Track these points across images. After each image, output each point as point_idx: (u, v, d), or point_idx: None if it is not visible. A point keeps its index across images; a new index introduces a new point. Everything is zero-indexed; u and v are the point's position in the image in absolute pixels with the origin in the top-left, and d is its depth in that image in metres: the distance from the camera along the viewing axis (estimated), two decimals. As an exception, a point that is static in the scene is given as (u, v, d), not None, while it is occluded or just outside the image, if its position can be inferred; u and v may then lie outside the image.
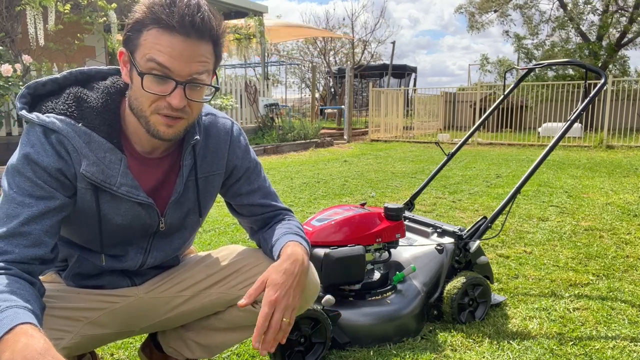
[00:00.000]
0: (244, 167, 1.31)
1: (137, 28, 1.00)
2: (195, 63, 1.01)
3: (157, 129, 1.06)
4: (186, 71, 1.00)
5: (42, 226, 1.01)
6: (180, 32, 0.98)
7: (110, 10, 6.43)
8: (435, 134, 13.26)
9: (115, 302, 1.22)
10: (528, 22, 17.79)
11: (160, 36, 0.98)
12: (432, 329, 1.94)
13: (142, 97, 1.03)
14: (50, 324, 1.05)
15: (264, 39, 10.49)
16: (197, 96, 1.06)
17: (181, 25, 0.97)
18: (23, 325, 0.83)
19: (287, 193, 4.92)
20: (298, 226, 1.32)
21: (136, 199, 1.12)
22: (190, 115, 1.08)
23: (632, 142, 9.98)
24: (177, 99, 1.01)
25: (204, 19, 1.00)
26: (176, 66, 0.99)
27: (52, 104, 1.08)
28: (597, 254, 2.93)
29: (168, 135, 1.07)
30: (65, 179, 1.05)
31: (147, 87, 1.01)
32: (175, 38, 0.98)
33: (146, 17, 0.98)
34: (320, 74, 22.58)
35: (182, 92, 1.02)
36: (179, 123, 1.07)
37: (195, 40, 1.00)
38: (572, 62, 2.55)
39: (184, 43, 0.98)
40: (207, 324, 1.36)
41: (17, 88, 5.14)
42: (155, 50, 0.98)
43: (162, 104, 1.03)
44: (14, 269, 0.96)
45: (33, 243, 0.99)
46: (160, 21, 0.97)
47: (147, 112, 1.04)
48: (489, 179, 5.88)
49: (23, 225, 0.99)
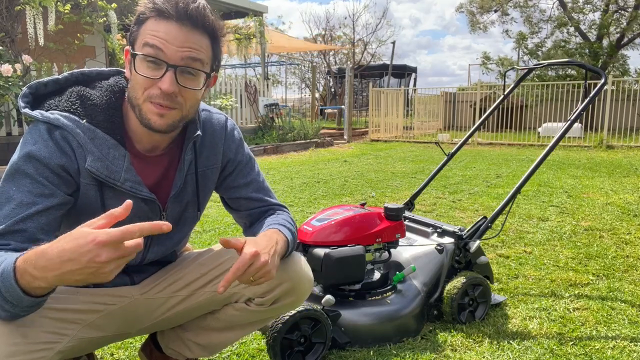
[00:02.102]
0: (237, 161, 1.32)
1: (139, 21, 1.06)
2: (187, 49, 1.04)
3: (148, 117, 1.06)
4: (178, 55, 1.03)
5: (38, 223, 1.01)
6: (175, 18, 1.03)
7: (110, 10, 6.44)
8: (435, 134, 13.26)
9: (111, 303, 1.22)
10: (529, 22, 17.80)
11: (157, 23, 1.03)
12: (432, 329, 1.94)
13: (137, 84, 1.06)
14: (46, 326, 1.04)
15: (264, 39, 10.49)
16: (190, 84, 1.07)
17: (175, 12, 1.02)
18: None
19: (287, 193, 4.92)
20: (286, 219, 1.32)
21: (139, 195, 1.13)
22: (184, 106, 1.08)
23: (632, 142, 9.98)
24: (167, 82, 1.03)
25: (199, 8, 1.04)
26: (168, 49, 1.02)
27: (55, 102, 1.09)
28: (597, 254, 2.93)
29: (159, 126, 1.07)
30: (68, 175, 1.06)
31: (140, 69, 1.04)
32: (170, 24, 1.03)
33: (146, 9, 1.04)
34: (320, 74, 22.59)
35: (173, 76, 1.03)
36: (171, 113, 1.07)
37: (189, 28, 1.04)
38: (572, 62, 2.55)
39: (178, 29, 1.03)
40: (205, 324, 1.37)
41: (17, 88, 5.14)
42: (150, 36, 1.03)
43: (154, 92, 1.04)
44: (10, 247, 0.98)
45: (27, 239, 0.99)
46: (157, 10, 1.03)
47: (140, 99, 1.06)
48: (489, 179, 5.88)
49: (18, 223, 0.99)
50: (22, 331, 0.95)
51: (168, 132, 1.12)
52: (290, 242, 1.25)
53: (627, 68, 16.84)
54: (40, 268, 0.84)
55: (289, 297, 1.29)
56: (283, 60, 19.35)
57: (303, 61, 22.48)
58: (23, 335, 0.97)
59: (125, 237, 0.81)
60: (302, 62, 22.57)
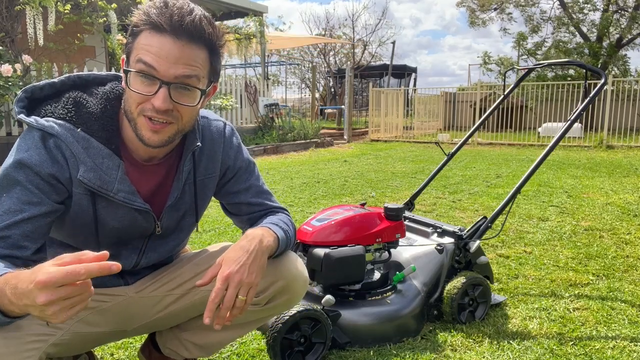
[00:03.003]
0: (237, 167, 1.31)
1: (133, 32, 1.02)
2: (183, 65, 1.00)
3: (142, 133, 1.04)
4: (171, 72, 0.99)
5: (22, 231, 1.00)
6: (169, 32, 0.98)
7: (110, 10, 6.43)
8: (435, 134, 13.26)
9: (104, 301, 1.22)
10: (529, 21, 17.80)
11: (151, 37, 0.99)
12: (432, 329, 1.94)
13: (131, 99, 1.03)
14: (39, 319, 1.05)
15: (264, 39, 10.49)
16: (185, 100, 1.03)
17: (170, 25, 0.98)
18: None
19: (287, 193, 4.92)
20: (282, 219, 1.30)
21: (133, 205, 1.12)
22: (180, 120, 1.06)
23: (632, 142, 9.98)
24: (160, 99, 1.00)
25: (195, 21, 0.99)
26: (162, 65, 0.99)
27: (51, 108, 1.07)
28: (597, 254, 2.93)
29: (152, 142, 1.05)
30: (59, 183, 1.05)
31: (133, 85, 1.01)
32: (164, 38, 0.99)
33: (140, 21, 1.00)
34: (320, 74, 22.58)
35: (167, 93, 1.00)
36: (166, 128, 1.05)
37: (185, 42, 0.99)
38: (572, 62, 2.56)
39: (173, 44, 0.99)
40: (201, 323, 1.36)
41: (17, 88, 5.14)
42: (143, 51, 0.99)
43: (147, 106, 1.02)
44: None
45: (10, 246, 0.98)
46: (152, 22, 0.99)
47: (134, 113, 1.04)
48: (489, 179, 5.88)
49: (2, 230, 0.98)
50: (16, 323, 0.94)
51: (163, 147, 1.10)
52: (280, 240, 1.22)
53: (628, 68, 16.83)
54: (14, 295, 0.82)
55: (283, 295, 1.28)
56: (283, 60, 19.36)
57: (303, 61, 22.48)
58: (17, 326, 0.97)
59: (67, 279, 0.75)
60: (302, 62, 22.56)
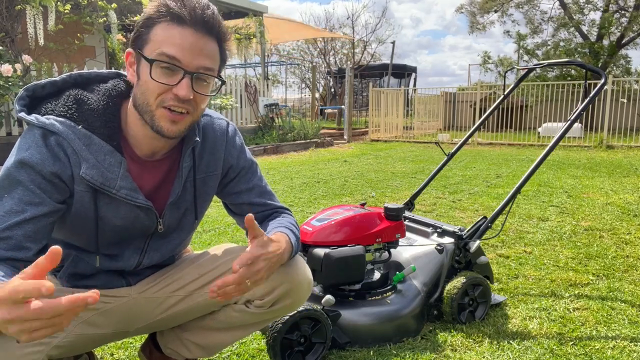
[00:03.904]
0: (240, 167, 1.31)
1: (148, 24, 1.03)
2: (204, 57, 1.04)
3: (161, 124, 1.05)
4: (195, 63, 1.02)
5: (25, 231, 0.99)
6: (190, 24, 1.01)
7: (110, 10, 6.43)
8: (435, 134, 13.26)
9: (108, 302, 1.22)
10: (529, 22, 17.80)
11: (171, 29, 1.01)
12: (432, 329, 1.94)
13: (149, 90, 1.03)
14: None
15: (264, 39, 10.49)
16: (203, 90, 1.07)
17: (192, 18, 1.01)
18: None
19: (287, 193, 4.92)
20: (291, 222, 1.32)
21: (135, 202, 1.12)
22: (195, 111, 1.08)
23: (632, 142, 9.98)
24: (185, 89, 1.02)
25: (214, 14, 1.04)
26: (186, 57, 1.01)
27: (51, 106, 1.07)
28: (597, 254, 2.93)
29: (171, 132, 1.06)
30: (61, 182, 1.04)
31: (155, 76, 1.02)
32: (185, 30, 1.01)
33: (157, 12, 1.02)
34: (320, 74, 22.58)
35: (190, 82, 1.03)
36: (184, 119, 1.07)
37: (203, 34, 1.03)
38: (572, 62, 2.55)
39: (194, 36, 1.02)
40: (203, 324, 1.36)
41: (17, 88, 5.14)
42: (165, 44, 1.01)
43: (168, 96, 1.03)
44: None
45: (12, 247, 0.98)
46: (172, 14, 1.01)
47: (152, 105, 1.04)
48: (489, 179, 5.88)
49: (4, 231, 0.97)
50: None
51: (178, 138, 1.11)
52: (294, 247, 1.24)
53: (629, 68, 16.82)
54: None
55: (288, 299, 1.29)
56: (283, 60, 19.34)
57: (303, 61, 22.48)
58: None
59: (11, 298, 0.71)
60: (302, 62, 22.56)
